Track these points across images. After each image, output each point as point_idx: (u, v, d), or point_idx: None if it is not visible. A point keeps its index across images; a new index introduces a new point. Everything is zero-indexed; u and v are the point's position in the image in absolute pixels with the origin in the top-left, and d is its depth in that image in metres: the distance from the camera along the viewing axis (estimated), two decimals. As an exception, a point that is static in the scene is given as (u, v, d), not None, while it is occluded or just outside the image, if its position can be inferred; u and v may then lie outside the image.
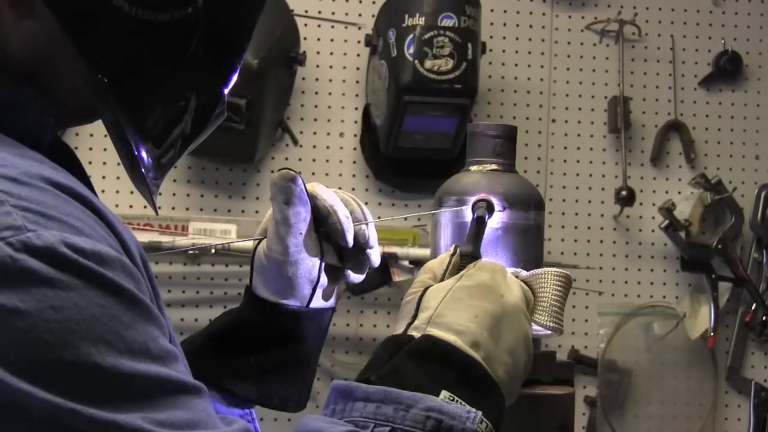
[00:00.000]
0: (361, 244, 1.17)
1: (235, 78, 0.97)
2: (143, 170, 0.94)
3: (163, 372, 0.78)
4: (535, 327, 1.09)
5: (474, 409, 0.96)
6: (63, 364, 0.74)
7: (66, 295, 0.75)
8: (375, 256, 1.18)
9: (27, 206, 0.77)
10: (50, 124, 0.92)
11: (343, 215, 1.14)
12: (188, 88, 0.94)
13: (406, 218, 2.54)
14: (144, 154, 0.93)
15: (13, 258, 0.74)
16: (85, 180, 0.95)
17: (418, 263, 2.61)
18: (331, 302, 1.21)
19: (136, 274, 0.81)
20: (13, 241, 0.75)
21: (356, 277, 1.20)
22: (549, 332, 1.11)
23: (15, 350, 0.73)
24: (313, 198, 1.14)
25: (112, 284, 0.77)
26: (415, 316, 1.04)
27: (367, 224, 1.17)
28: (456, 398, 0.97)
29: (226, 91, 0.97)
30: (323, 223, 1.15)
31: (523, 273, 1.13)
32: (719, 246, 2.86)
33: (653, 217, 2.92)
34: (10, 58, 0.90)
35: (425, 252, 2.54)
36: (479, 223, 1.16)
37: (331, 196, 1.15)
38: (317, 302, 1.18)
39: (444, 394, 0.96)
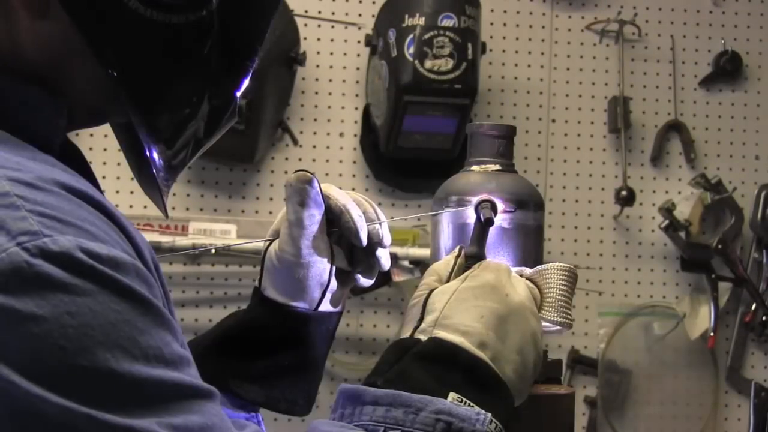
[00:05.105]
0: (374, 244, 1.16)
1: (247, 81, 0.98)
2: (154, 171, 0.94)
3: (177, 377, 0.78)
4: (544, 324, 1.09)
5: (483, 411, 0.96)
6: (79, 369, 0.74)
7: (82, 300, 0.75)
8: (385, 259, 1.18)
9: (42, 211, 0.77)
10: (62, 126, 0.92)
11: (357, 214, 1.14)
12: (201, 90, 0.94)
13: (419, 218, 2.54)
14: (155, 156, 0.93)
15: (30, 263, 0.74)
16: (94, 181, 0.94)
17: (418, 263, 2.61)
18: (339, 307, 1.20)
19: (150, 279, 0.81)
20: (30, 247, 0.75)
21: (365, 281, 1.20)
22: (558, 328, 1.10)
23: (31, 356, 0.73)
24: (325, 198, 1.14)
25: (127, 290, 0.77)
26: (421, 319, 1.04)
27: (380, 224, 1.17)
28: (464, 400, 0.96)
29: (238, 94, 0.98)
30: (336, 224, 1.15)
31: (527, 270, 1.12)
32: (719, 246, 2.86)
33: (653, 217, 2.92)
34: (24, 59, 0.90)
35: (425, 252, 2.54)
36: (483, 224, 1.15)
37: (343, 196, 1.15)
38: (325, 306, 1.17)
39: (452, 395, 0.96)
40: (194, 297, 2.73)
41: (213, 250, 2.61)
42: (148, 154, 0.93)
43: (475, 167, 1.23)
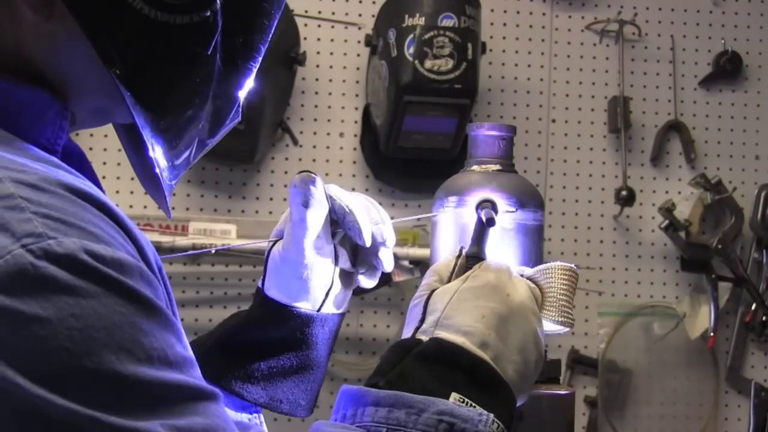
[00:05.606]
0: (378, 244, 1.16)
1: (251, 82, 0.98)
2: (158, 172, 0.94)
3: (181, 379, 0.78)
4: (545, 324, 1.09)
5: (486, 412, 0.96)
6: (83, 371, 0.74)
7: (86, 302, 0.75)
8: (388, 260, 1.17)
9: (47, 213, 0.77)
10: (65, 127, 0.92)
11: (361, 215, 1.14)
12: (205, 90, 0.94)
13: (419, 218, 2.54)
14: (159, 156, 0.93)
15: (34, 265, 0.74)
16: (96, 182, 0.94)
17: (418, 263, 2.61)
18: (342, 308, 1.20)
19: (154, 281, 0.81)
20: (34, 249, 0.75)
21: (368, 283, 1.19)
22: (559, 327, 1.10)
23: (35, 358, 0.73)
24: (329, 199, 1.14)
25: (132, 292, 0.77)
26: (422, 320, 1.04)
27: (384, 224, 1.16)
28: (466, 400, 0.96)
29: (241, 94, 0.98)
30: (339, 224, 1.14)
31: (528, 270, 1.12)
32: (719, 246, 2.86)
33: (653, 217, 2.92)
34: (28, 60, 0.90)
35: (425, 252, 2.54)
36: (484, 224, 1.15)
37: (347, 197, 1.15)
38: (329, 307, 1.17)
39: (454, 396, 0.96)
40: (194, 297, 2.73)
41: (213, 251, 2.62)
42: (151, 154, 0.93)
43: (475, 167, 1.23)
